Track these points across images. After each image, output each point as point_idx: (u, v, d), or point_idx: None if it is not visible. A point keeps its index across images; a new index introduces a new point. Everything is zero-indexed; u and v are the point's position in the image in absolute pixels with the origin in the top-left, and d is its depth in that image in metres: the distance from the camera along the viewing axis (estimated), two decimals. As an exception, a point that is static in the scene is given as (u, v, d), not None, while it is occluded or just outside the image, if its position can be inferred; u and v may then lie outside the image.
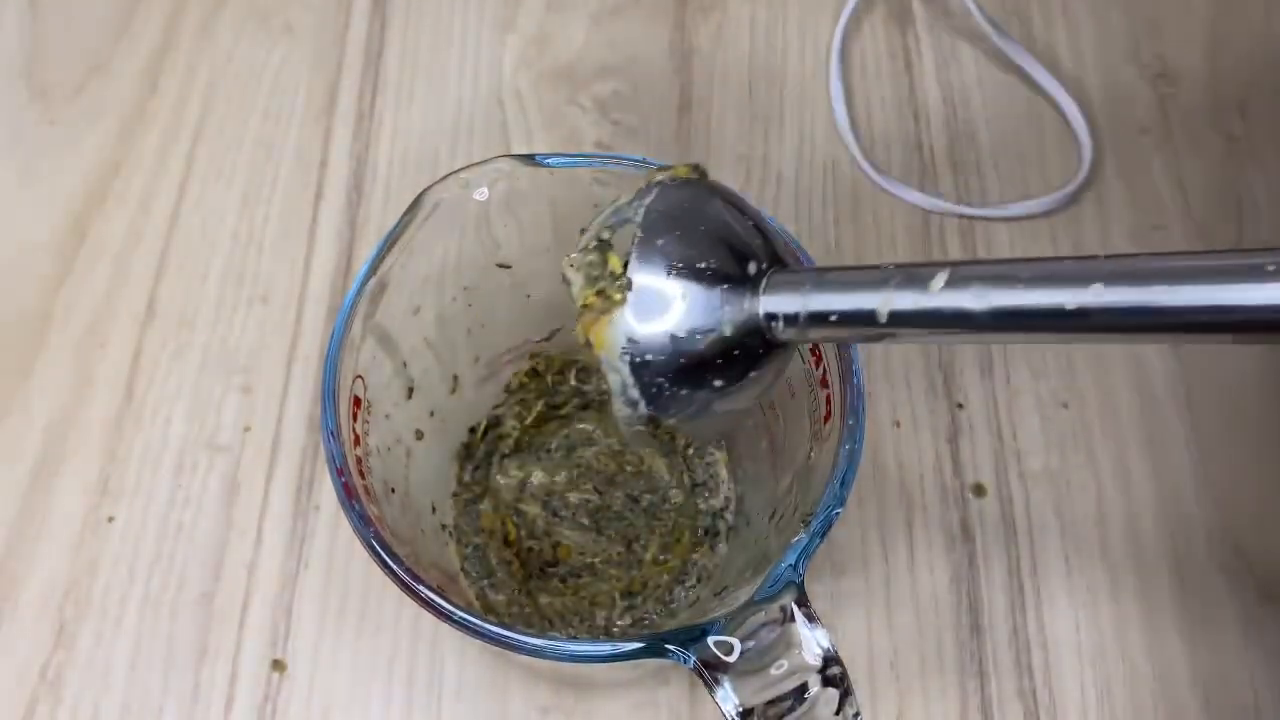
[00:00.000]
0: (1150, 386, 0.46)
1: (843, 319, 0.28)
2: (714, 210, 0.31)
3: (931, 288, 0.27)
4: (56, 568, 0.42)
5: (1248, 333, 0.25)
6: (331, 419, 0.32)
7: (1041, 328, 0.26)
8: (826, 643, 0.29)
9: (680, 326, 0.30)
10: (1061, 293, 0.26)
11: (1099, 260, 0.26)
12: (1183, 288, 0.25)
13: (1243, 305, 0.24)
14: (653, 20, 0.55)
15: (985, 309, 0.26)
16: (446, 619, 0.30)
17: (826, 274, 0.29)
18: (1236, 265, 0.25)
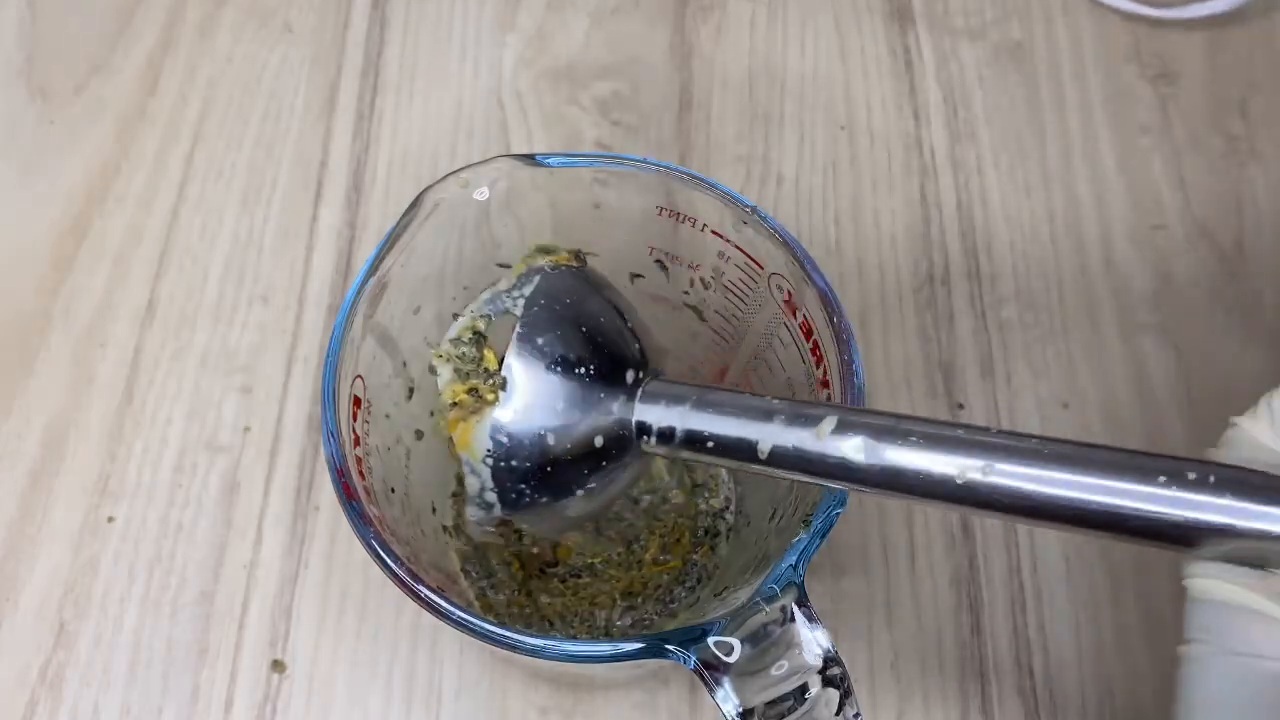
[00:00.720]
0: (1150, 386, 0.46)
1: (720, 446, 0.27)
2: (595, 308, 0.29)
3: (819, 432, 0.26)
4: (56, 568, 0.42)
5: (1138, 538, 0.25)
6: (331, 419, 0.32)
7: (927, 493, 0.26)
8: (827, 643, 0.29)
9: (551, 431, 0.28)
10: (953, 461, 0.25)
11: (997, 434, 0.25)
12: (1082, 480, 0.25)
13: (1136, 514, 0.25)
14: (653, 20, 0.55)
15: (872, 464, 0.26)
16: (446, 619, 0.30)
17: (709, 394, 0.28)
18: (1132, 470, 0.25)
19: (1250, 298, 0.48)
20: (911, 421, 0.26)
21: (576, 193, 0.36)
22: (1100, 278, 0.48)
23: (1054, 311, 0.47)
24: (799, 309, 0.34)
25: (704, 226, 0.36)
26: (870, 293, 0.48)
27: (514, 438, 0.28)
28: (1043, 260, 0.49)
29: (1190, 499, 0.25)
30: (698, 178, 0.35)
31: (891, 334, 0.47)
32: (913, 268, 0.48)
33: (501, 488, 0.29)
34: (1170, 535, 0.25)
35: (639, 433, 0.28)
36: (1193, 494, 0.25)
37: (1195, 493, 0.25)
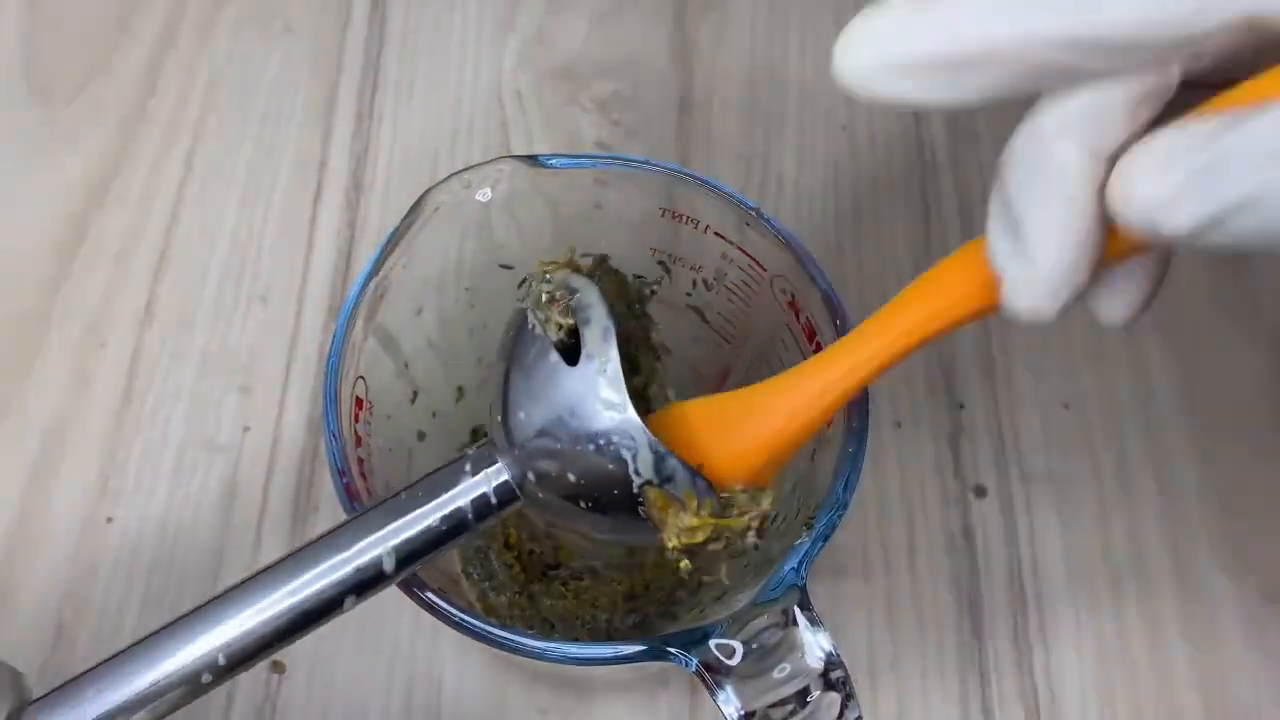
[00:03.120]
0: (1150, 386, 0.46)
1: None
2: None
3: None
4: (56, 568, 0.42)
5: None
6: (333, 420, 0.32)
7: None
8: (829, 646, 0.29)
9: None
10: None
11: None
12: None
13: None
14: (653, 20, 0.55)
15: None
16: (447, 621, 0.30)
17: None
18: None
19: (1250, 298, 0.48)
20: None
21: (578, 194, 0.36)
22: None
23: (1054, 312, 0.47)
24: (802, 311, 0.34)
25: (706, 228, 0.36)
26: (870, 293, 0.48)
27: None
28: (1043, 260, 0.48)
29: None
30: (700, 179, 0.35)
31: (892, 334, 0.47)
32: (913, 268, 0.48)
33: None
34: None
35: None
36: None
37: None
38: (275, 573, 0.29)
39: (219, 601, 0.29)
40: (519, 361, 0.30)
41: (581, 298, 0.30)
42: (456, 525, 0.30)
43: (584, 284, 0.30)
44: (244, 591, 0.29)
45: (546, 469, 0.29)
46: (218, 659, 0.29)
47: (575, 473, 0.29)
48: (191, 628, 0.29)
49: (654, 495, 0.29)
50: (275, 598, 0.29)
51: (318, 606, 0.29)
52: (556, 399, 0.29)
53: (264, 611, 0.29)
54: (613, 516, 0.30)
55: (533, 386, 0.30)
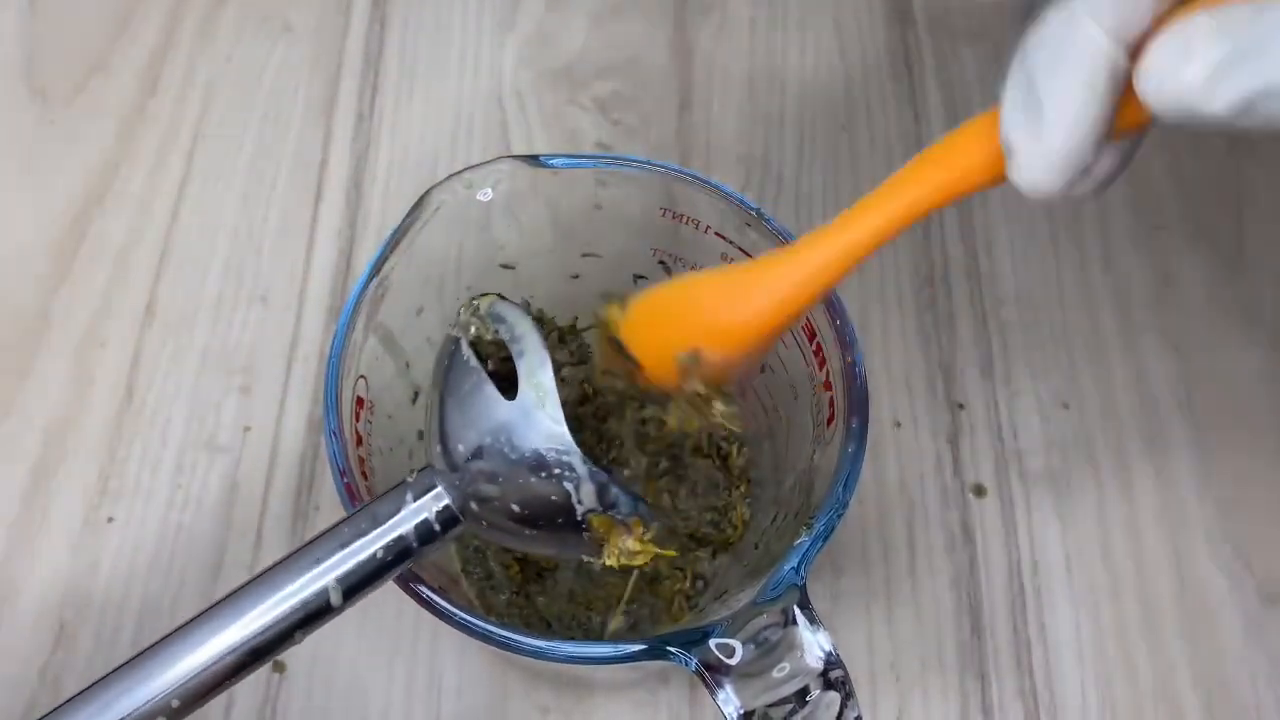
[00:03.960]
0: (1150, 386, 0.46)
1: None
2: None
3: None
4: (56, 568, 0.42)
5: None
6: (334, 419, 0.32)
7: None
8: (828, 646, 0.29)
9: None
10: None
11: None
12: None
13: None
14: (653, 20, 0.55)
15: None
16: (448, 620, 0.30)
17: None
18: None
19: (1250, 298, 0.48)
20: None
21: (578, 193, 0.36)
22: (1100, 278, 0.48)
23: (1054, 311, 0.48)
24: (802, 311, 0.34)
25: (706, 228, 0.36)
26: (870, 293, 0.48)
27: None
28: (1043, 260, 0.49)
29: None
30: (701, 179, 0.35)
31: (892, 335, 0.47)
32: (913, 268, 0.48)
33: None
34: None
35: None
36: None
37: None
38: (221, 611, 0.29)
39: (167, 642, 0.29)
40: (454, 391, 0.30)
41: (513, 327, 0.30)
42: (401, 553, 0.30)
43: (515, 313, 0.31)
44: (191, 631, 0.29)
45: (488, 495, 0.30)
46: (170, 703, 0.29)
47: (517, 501, 0.30)
48: (143, 669, 0.29)
49: (597, 521, 0.30)
50: (223, 637, 0.29)
51: (267, 643, 0.29)
52: (495, 431, 0.29)
53: (213, 650, 0.29)
54: (555, 537, 0.30)
55: (469, 417, 0.30)
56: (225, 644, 0.29)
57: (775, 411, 0.38)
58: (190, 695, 0.29)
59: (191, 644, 0.29)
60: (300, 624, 0.30)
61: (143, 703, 0.28)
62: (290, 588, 0.29)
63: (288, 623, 0.29)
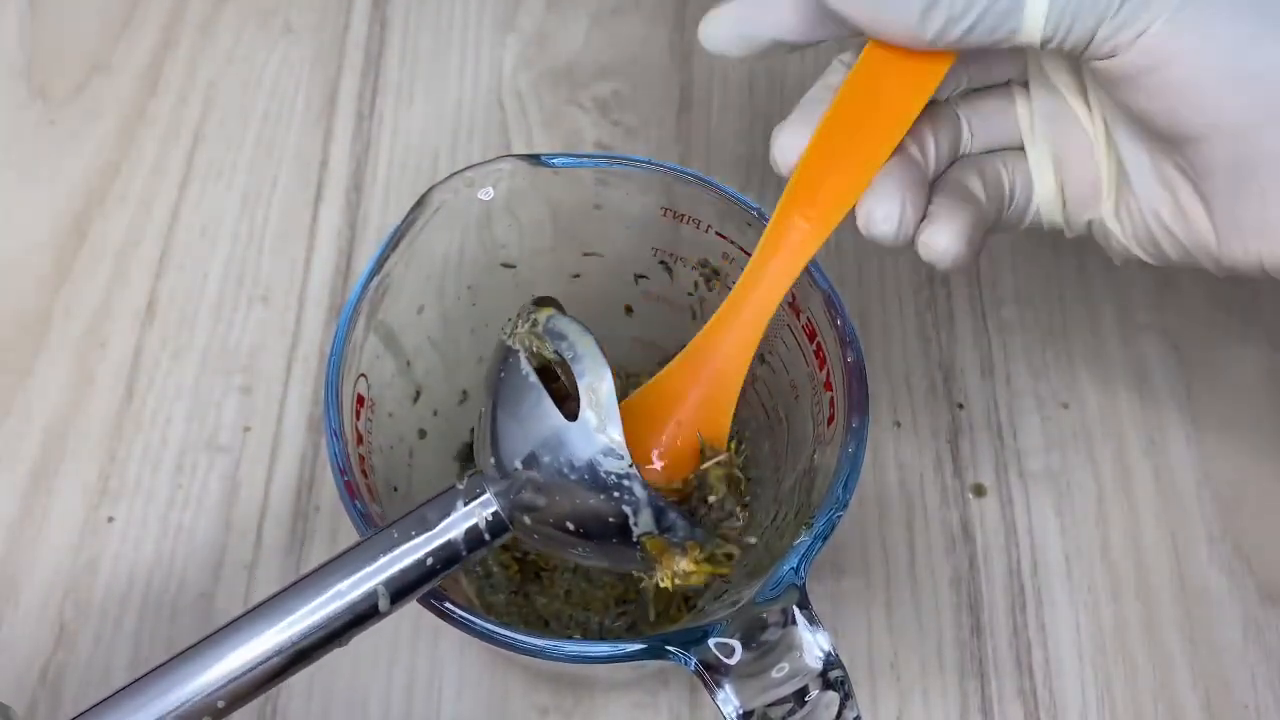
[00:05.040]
0: (1150, 386, 0.46)
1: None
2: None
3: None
4: (56, 568, 0.42)
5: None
6: (334, 418, 0.32)
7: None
8: (828, 646, 0.29)
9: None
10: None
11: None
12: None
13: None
14: (653, 20, 0.55)
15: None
16: (448, 619, 0.30)
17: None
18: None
19: (1250, 298, 0.48)
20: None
21: (579, 193, 0.36)
22: (1100, 278, 0.48)
23: (1054, 311, 0.48)
24: (802, 311, 0.35)
25: (707, 228, 0.36)
26: (870, 293, 0.48)
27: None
28: (1043, 260, 0.49)
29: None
30: (700, 179, 0.35)
31: (892, 334, 0.47)
32: (912, 268, 0.48)
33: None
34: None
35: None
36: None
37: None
38: (269, 610, 0.29)
39: (214, 640, 0.29)
40: (510, 405, 0.30)
41: (575, 345, 0.29)
42: (449, 558, 0.30)
43: (575, 330, 0.30)
44: (239, 629, 0.29)
45: (539, 506, 0.30)
46: (216, 703, 0.29)
47: (571, 518, 0.29)
48: (189, 667, 0.29)
49: (651, 543, 0.29)
50: (268, 636, 0.29)
51: (313, 645, 0.29)
52: (554, 450, 0.29)
53: (259, 650, 0.29)
54: (606, 552, 0.30)
55: (527, 433, 0.29)
56: (272, 644, 0.29)
57: (775, 411, 0.38)
58: (235, 695, 0.29)
59: (237, 643, 0.29)
60: (347, 627, 0.29)
61: (189, 699, 0.28)
62: (338, 589, 0.29)
63: (335, 625, 0.29)
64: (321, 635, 0.29)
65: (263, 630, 0.29)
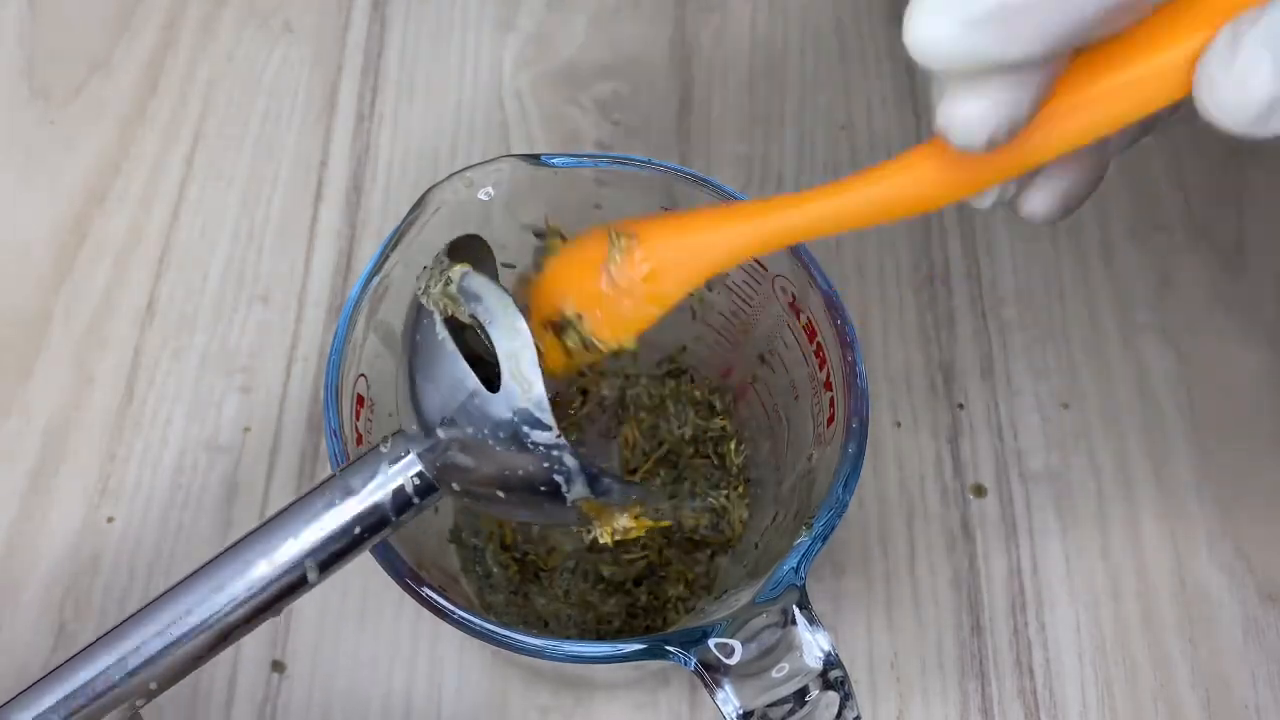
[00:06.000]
0: (1150, 386, 0.46)
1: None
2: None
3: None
4: (56, 568, 0.42)
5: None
6: (334, 418, 0.32)
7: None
8: (828, 646, 0.29)
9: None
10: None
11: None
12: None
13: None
14: (653, 20, 0.55)
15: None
16: (448, 619, 0.30)
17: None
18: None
19: (1250, 298, 0.48)
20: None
21: (579, 193, 0.36)
22: (1100, 278, 0.48)
23: (1054, 311, 0.48)
24: (803, 311, 0.35)
25: (707, 227, 0.36)
26: (870, 293, 0.48)
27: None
28: (1043, 260, 0.49)
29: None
30: (700, 179, 0.35)
31: (892, 335, 0.47)
32: (913, 268, 0.48)
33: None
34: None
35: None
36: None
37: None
38: (193, 586, 0.29)
39: (137, 619, 0.29)
40: (427, 368, 0.29)
41: (491, 310, 0.28)
42: (377, 523, 0.29)
43: (492, 293, 0.28)
44: (161, 607, 0.29)
45: (469, 471, 0.29)
46: (148, 684, 0.29)
47: (501, 485, 0.29)
48: (112, 648, 0.29)
49: (588, 506, 0.29)
50: (197, 613, 0.29)
51: (241, 620, 0.29)
52: (478, 421, 0.28)
53: (186, 624, 0.28)
54: (540, 512, 0.29)
55: (446, 400, 0.28)
56: (198, 619, 0.28)
57: (775, 412, 0.38)
58: (165, 674, 0.29)
59: (162, 619, 0.28)
60: (275, 599, 0.29)
61: (114, 681, 0.28)
62: (263, 564, 0.29)
63: (261, 599, 0.29)
64: (249, 609, 0.29)
65: (190, 604, 0.29)
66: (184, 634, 0.28)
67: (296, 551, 0.29)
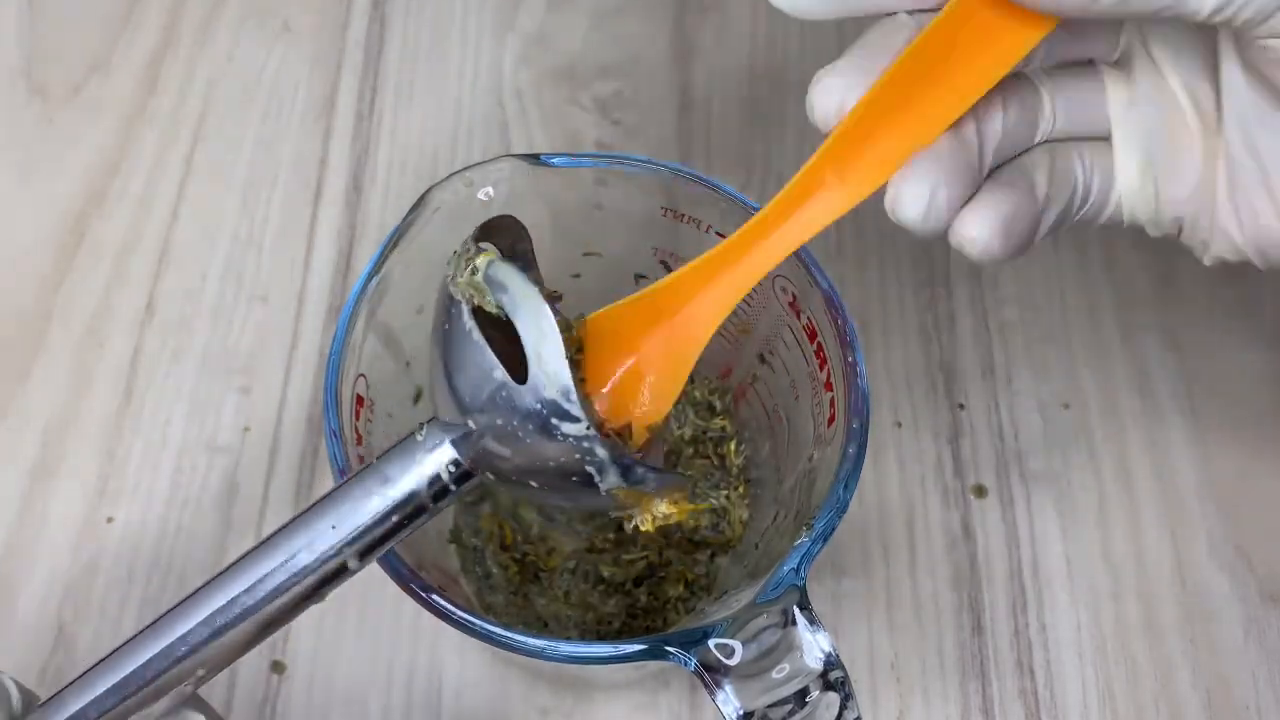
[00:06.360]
0: (1151, 386, 0.46)
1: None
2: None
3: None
4: (56, 569, 0.42)
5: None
6: (334, 418, 0.32)
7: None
8: (828, 646, 0.29)
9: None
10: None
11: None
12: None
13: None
14: (653, 20, 0.55)
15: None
16: (448, 619, 0.30)
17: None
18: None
19: (1250, 298, 0.48)
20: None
21: (579, 193, 0.36)
22: (1101, 278, 0.48)
23: (1054, 312, 0.47)
24: (803, 311, 0.35)
25: (708, 228, 0.36)
26: (870, 293, 0.48)
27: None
28: (1043, 260, 0.49)
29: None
30: (700, 179, 0.35)
31: (892, 335, 0.47)
32: (913, 268, 0.48)
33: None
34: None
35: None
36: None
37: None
38: (235, 576, 0.29)
39: (183, 609, 0.29)
40: (458, 360, 0.28)
41: (516, 300, 0.28)
42: (415, 510, 0.29)
43: (518, 282, 0.28)
44: (207, 596, 0.29)
45: (504, 459, 0.29)
46: (197, 670, 0.29)
47: (535, 475, 0.29)
48: (162, 636, 0.29)
49: (624, 494, 0.29)
50: (240, 599, 0.29)
51: (284, 608, 0.29)
52: (508, 414, 0.28)
53: (230, 614, 0.29)
54: (577, 500, 0.30)
55: (478, 391, 0.28)
56: (239, 608, 0.29)
57: (775, 412, 0.38)
58: (213, 662, 0.29)
59: (208, 608, 0.29)
60: (317, 587, 0.29)
61: (164, 668, 0.28)
62: (304, 553, 0.29)
63: (303, 588, 0.29)
64: (293, 597, 0.29)
65: (234, 594, 0.29)
66: (228, 622, 0.29)
67: (337, 540, 0.29)
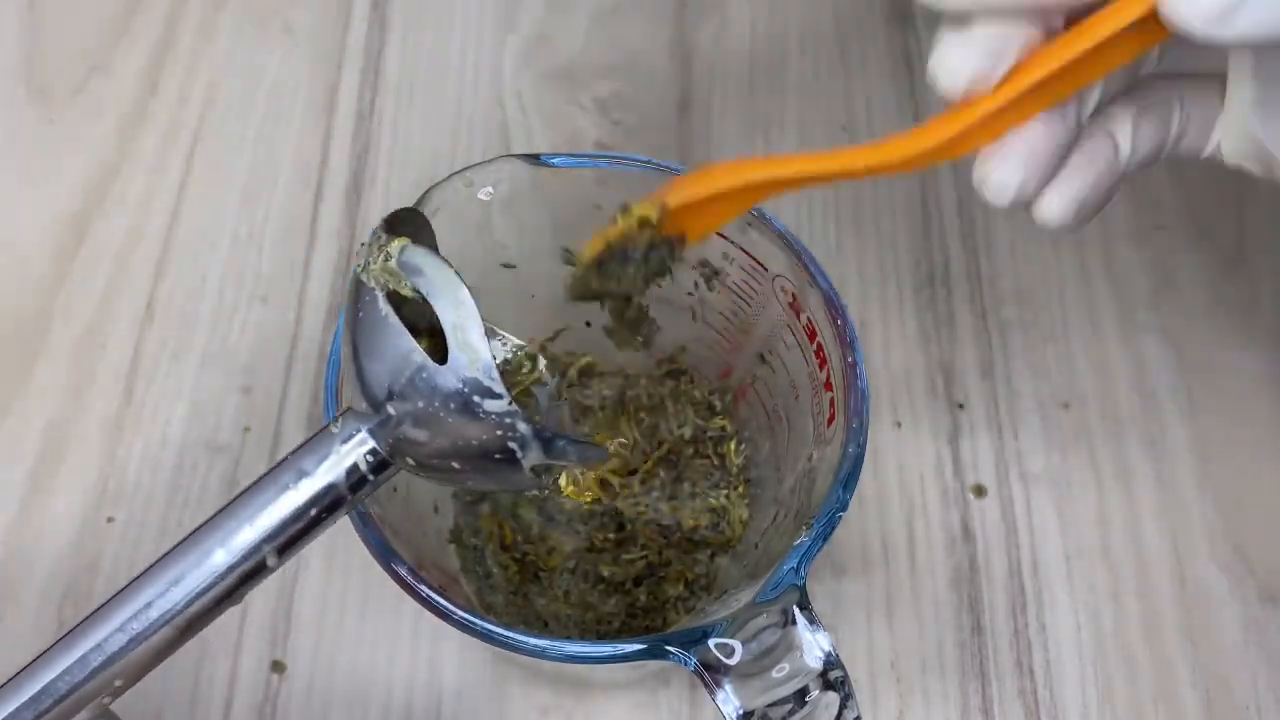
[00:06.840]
0: (1150, 386, 0.46)
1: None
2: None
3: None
4: (56, 569, 0.42)
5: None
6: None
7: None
8: (828, 646, 0.29)
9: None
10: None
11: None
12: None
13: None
14: (653, 20, 0.55)
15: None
16: (448, 619, 0.30)
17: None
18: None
19: (1250, 298, 0.48)
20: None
21: (579, 193, 0.36)
22: (1100, 278, 0.48)
23: (1054, 311, 0.47)
24: (803, 311, 0.35)
25: (708, 228, 0.36)
26: (870, 293, 0.48)
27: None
28: (1043, 260, 0.49)
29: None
30: (701, 179, 0.35)
31: (892, 335, 0.47)
32: (913, 268, 0.48)
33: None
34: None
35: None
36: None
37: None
38: (152, 579, 0.29)
39: (97, 617, 0.29)
40: (373, 346, 0.28)
41: (432, 282, 0.28)
42: (333, 503, 0.29)
43: (431, 263, 0.28)
44: (121, 603, 0.29)
45: (422, 444, 0.28)
46: (113, 681, 0.28)
47: (456, 457, 0.28)
48: (74, 648, 0.28)
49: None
50: (158, 604, 0.28)
51: (203, 610, 0.29)
52: (428, 395, 0.27)
53: (146, 619, 0.28)
54: (496, 480, 0.29)
55: (395, 376, 0.28)
56: (158, 613, 0.28)
57: (775, 412, 0.38)
58: (129, 671, 0.28)
59: (121, 616, 0.28)
60: (235, 587, 0.29)
61: (76, 681, 0.28)
62: (220, 553, 0.29)
63: (221, 589, 0.29)
64: (210, 600, 0.29)
65: (149, 598, 0.28)
66: (145, 629, 0.28)
67: (254, 538, 0.29)
